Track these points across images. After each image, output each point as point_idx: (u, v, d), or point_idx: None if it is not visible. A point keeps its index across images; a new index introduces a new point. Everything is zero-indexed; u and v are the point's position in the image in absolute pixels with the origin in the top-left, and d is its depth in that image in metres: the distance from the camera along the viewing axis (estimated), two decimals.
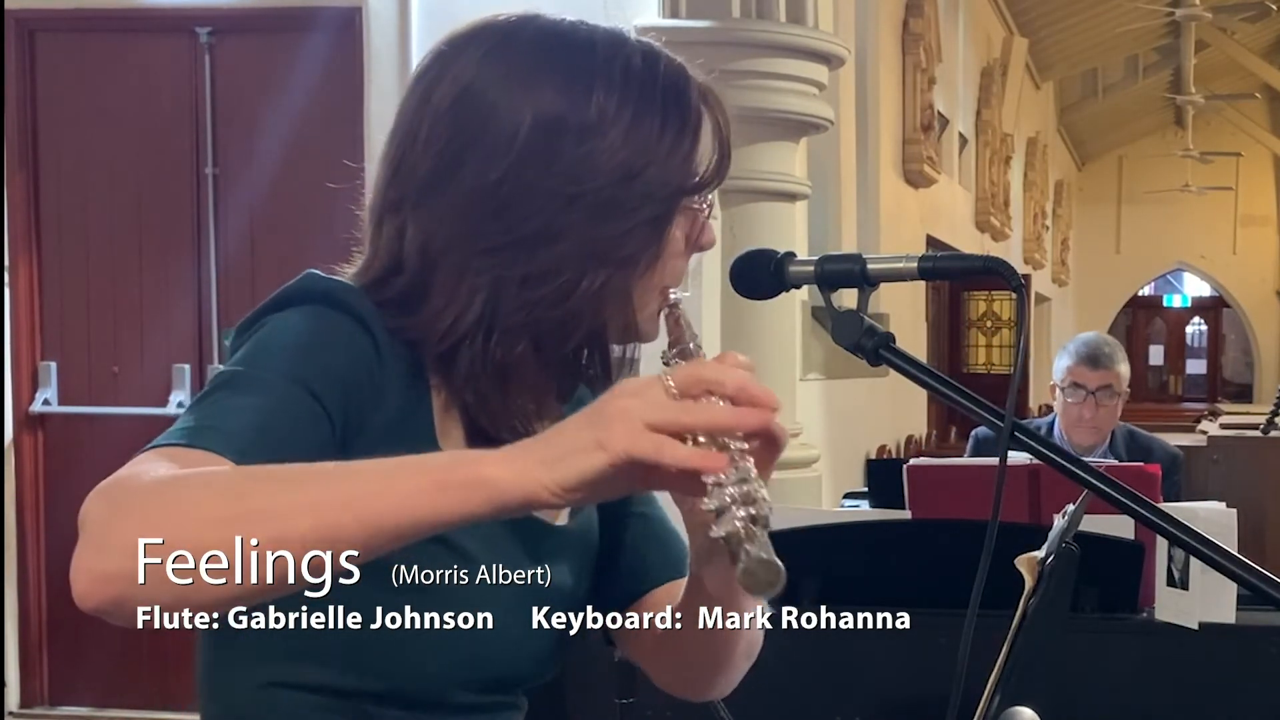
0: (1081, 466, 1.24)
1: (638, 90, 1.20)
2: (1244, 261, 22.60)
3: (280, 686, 1.20)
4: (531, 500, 0.98)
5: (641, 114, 1.20)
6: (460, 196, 1.19)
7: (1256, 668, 2.59)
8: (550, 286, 1.18)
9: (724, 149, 1.25)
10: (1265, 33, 17.40)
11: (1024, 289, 1.29)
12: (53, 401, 5.33)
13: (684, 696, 1.35)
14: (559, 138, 1.18)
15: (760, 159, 5.26)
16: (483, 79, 1.20)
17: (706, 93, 1.25)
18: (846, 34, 7.40)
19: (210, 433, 1.07)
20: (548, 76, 1.19)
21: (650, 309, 1.24)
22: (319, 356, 1.15)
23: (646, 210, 1.19)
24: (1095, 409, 3.80)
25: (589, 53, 1.21)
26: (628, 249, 1.19)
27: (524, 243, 1.18)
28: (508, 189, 1.18)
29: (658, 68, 1.23)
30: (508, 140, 1.18)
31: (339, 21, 5.15)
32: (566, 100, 1.18)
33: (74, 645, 5.31)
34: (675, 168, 1.21)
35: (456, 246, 1.19)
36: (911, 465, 3.09)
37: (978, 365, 13.24)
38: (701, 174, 1.23)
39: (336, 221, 1.41)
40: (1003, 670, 1.82)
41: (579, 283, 1.18)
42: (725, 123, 1.25)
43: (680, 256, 1.25)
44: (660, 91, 1.21)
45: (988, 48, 13.81)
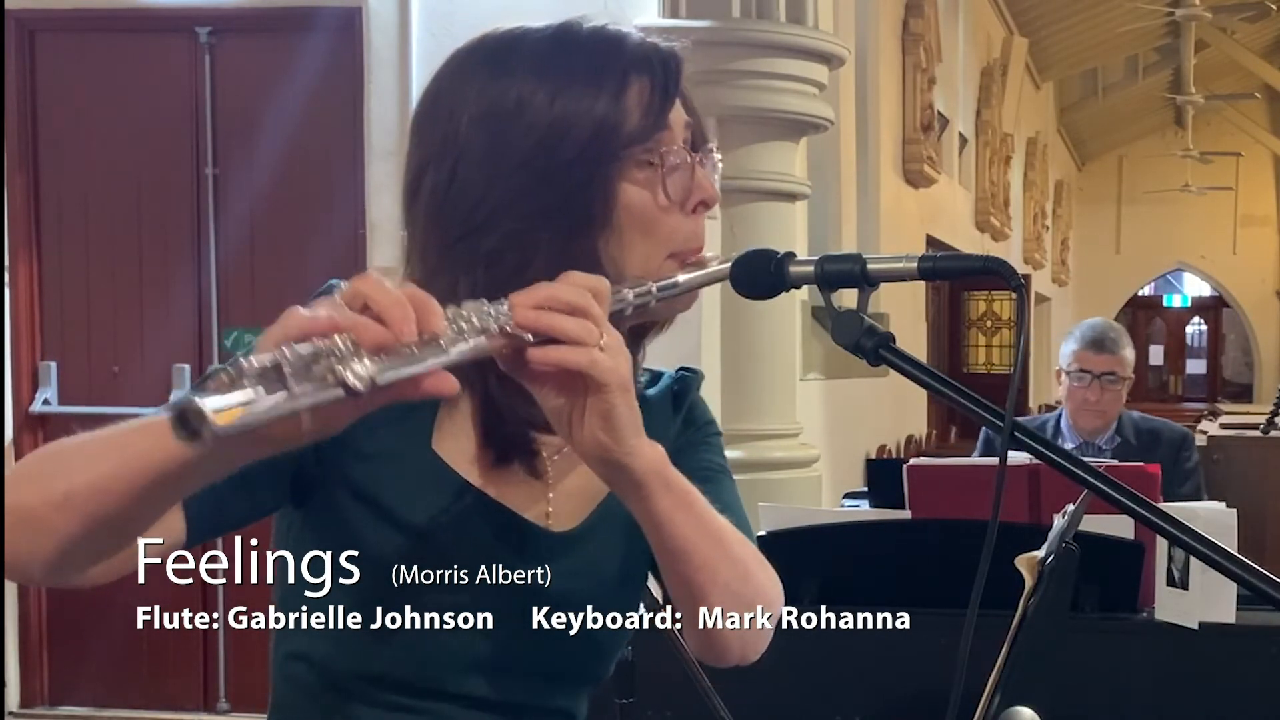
0: (1081, 466, 1.24)
1: (557, 64, 1.24)
2: (1244, 261, 22.60)
3: (297, 659, 1.26)
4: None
5: (561, 84, 1.23)
6: (427, 200, 1.26)
7: (1256, 668, 2.59)
8: (510, 263, 1.22)
9: (660, 99, 1.25)
10: (1265, 33, 17.40)
11: (1024, 289, 1.29)
12: (53, 401, 5.33)
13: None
14: (491, 126, 1.23)
15: (760, 159, 5.26)
16: (436, 90, 1.29)
17: (647, 50, 1.26)
18: (846, 34, 7.40)
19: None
20: (478, 74, 1.25)
21: (657, 274, 1.24)
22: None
23: (578, 172, 1.22)
24: (1100, 393, 3.83)
25: (517, 44, 1.27)
26: (570, 214, 1.22)
27: (480, 229, 1.23)
28: (458, 185, 1.24)
29: (585, 40, 1.26)
30: (452, 140, 1.24)
31: (339, 21, 5.15)
32: (493, 91, 1.24)
33: (74, 645, 5.31)
34: (597, 124, 1.22)
35: (431, 246, 1.26)
36: (911, 465, 3.08)
37: (978, 365, 13.24)
38: (635, 123, 1.24)
39: (336, 221, 1.43)
40: (1003, 670, 1.82)
41: (535, 253, 1.21)
42: (669, 73, 1.26)
43: (667, 214, 1.25)
44: (580, 58, 1.25)
45: (988, 48, 13.81)
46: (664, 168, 1.25)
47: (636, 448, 1.13)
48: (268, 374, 0.88)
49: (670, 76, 1.26)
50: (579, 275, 1.12)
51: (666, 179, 1.25)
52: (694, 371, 1.43)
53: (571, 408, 1.11)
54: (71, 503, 1.03)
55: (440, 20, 4.92)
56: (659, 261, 1.25)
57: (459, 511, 1.23)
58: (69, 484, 1.03)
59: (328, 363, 0.90)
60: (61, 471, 1.05)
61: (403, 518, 1.22)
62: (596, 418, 1.10)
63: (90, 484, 1.03)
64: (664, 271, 1.25)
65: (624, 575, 1.32)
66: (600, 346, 1.08)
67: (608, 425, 1.11)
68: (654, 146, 1.25)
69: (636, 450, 1.13)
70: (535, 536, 1.27)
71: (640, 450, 1.13)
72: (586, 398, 1.10)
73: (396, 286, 1.02)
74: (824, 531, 2.77)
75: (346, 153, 5.10)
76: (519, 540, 1.26)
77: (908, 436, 10.19)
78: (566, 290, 1.09)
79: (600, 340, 1.09)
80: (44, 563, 1.05)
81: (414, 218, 1.28)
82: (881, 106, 9.28)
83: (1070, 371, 3.87)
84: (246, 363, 0.90)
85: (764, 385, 5.41)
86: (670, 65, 1.27)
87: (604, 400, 1.10)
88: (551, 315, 1.08)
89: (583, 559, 1.29)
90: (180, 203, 5.31)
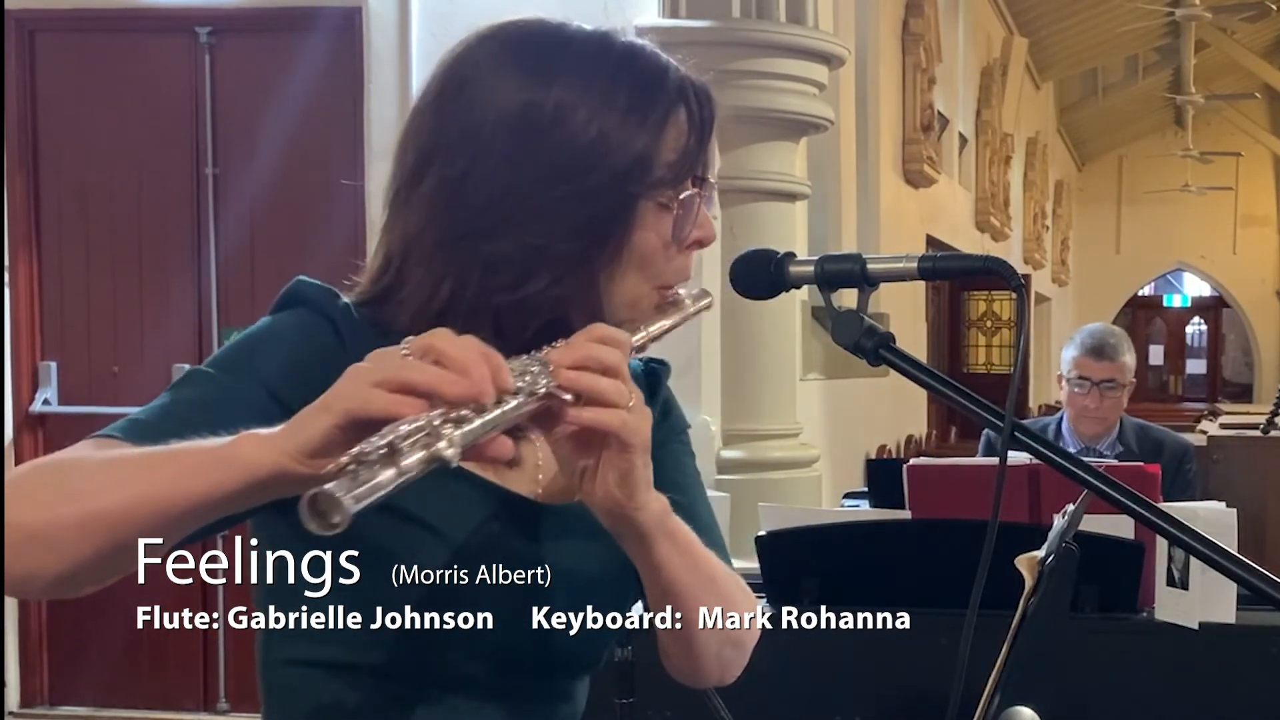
0: (1081, 466, 1.24)
1: (603, 83, 1.22)
2: (1244, 261, 22.59)
3: (300, 664, 1.25)
4: (280, 471, 1.01)
5: (603, 106, 1.21)
6: (432, 189, 1.23)
7: (1256, 668, 2.59)
8: (508, 274, 1.21)
9: (695, 144, 1.24)
10: (1265, 33, 17.40)
11: (1024, 289, 1.29)
12: (53, 401, 5.33)
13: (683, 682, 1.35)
14: (521, 131, 1.20)
15: (760, 159, 5.26)
16: (461, 76, 1.24)
17: (688, 89, 1.25)
18: (846, 34, 7.40)
19: (130, 424, 1.15)
20: (512, 74, 1.22)
21: (640, 304, 1.25)
22: (276, 352, 1.21)
23: (603, 203, 1.21)
24: (1100, 400, 3.83)
25: (560, 49, 1.24)
26: (583, 241, 1.21)
27: (485, 233, 1.21)
28: (472, 181, 1.21)
29: (631, 61, 1.24)
30: (474, 134, 1.21)
31: (339, 21, 5.15)
32: (528, 96, 1.21)
33: (74, 645, 5.31)
34: (634, 160, 1.21)
35: (427, 237, 1.23)
36: (911, 465, 3.08)
37: (978, 365, 13.24)
38: (666, 166, 1.23)
39: (336, 221, 1.43)
40: (1003, 670, 1.82)
41: (536, 270, 1.20)
42: (706, 119, 1.25)
43: (666, 253, 1.25)
44: (627, 83, 1.22)
45: (988, 48, 13.81)
46: (679, 211, 1.24)
47: (646, 503, 1.15)
48: (381, 457, 0.97)
49: (707, 123, 1.25)
50: (606, 330, 1.13)
51: (679, 221, 1.25)
52: (662, 363, 1.43)
53: (588, 461, 1.12)
54: (91, 525, 1.02)
55: (440, 20, 4.92)
56: (645, 292, 1.25)
57: (451, 491, 1.23)
58: (90, 506, 1.03)
59: (426, 440, 0.98)
60: (80, 493, 1.03)
61: (395, 502, 1.21)
62: (614, 474, 1.12)
63: (119, 508, 1.03)
64: (645, 302, 1.25)
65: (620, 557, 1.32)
66: (629, 408, 1.10)
67: (624, 482, 1.12)
68: (677, 191, 1.24)
69: (646, 505, 1.15)
70: (530, 510, 1.27)
71: (649, 505, 1.15)
72: (605, 453, 1.11)
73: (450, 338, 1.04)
74: (824, 531, 2.76)
75: (346, 153, 5.10)
76: (512, 515, 1.26)
77: (908, 436, 10.19)
78: (604, 351, 1.10)
79: (630, 402, 1.10)
80: (47, 581, 1.04)
81: (409, 203, 1.25)
82: (881, 106, 9.27)
83: (1070, 378, 3.86)
84: (368, 449, 0.96)
85: (764, 385, 5.41)
86: (707, 110, 1.26)
87: (626, 459, 1.11)
88: (592, 378, 1.09)
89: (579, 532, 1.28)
90: (180, 203, 5.31)
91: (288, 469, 1.01)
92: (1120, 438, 3.90)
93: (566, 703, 1.32)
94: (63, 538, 1.02)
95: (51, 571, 1.03)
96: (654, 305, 1.26)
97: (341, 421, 1.00)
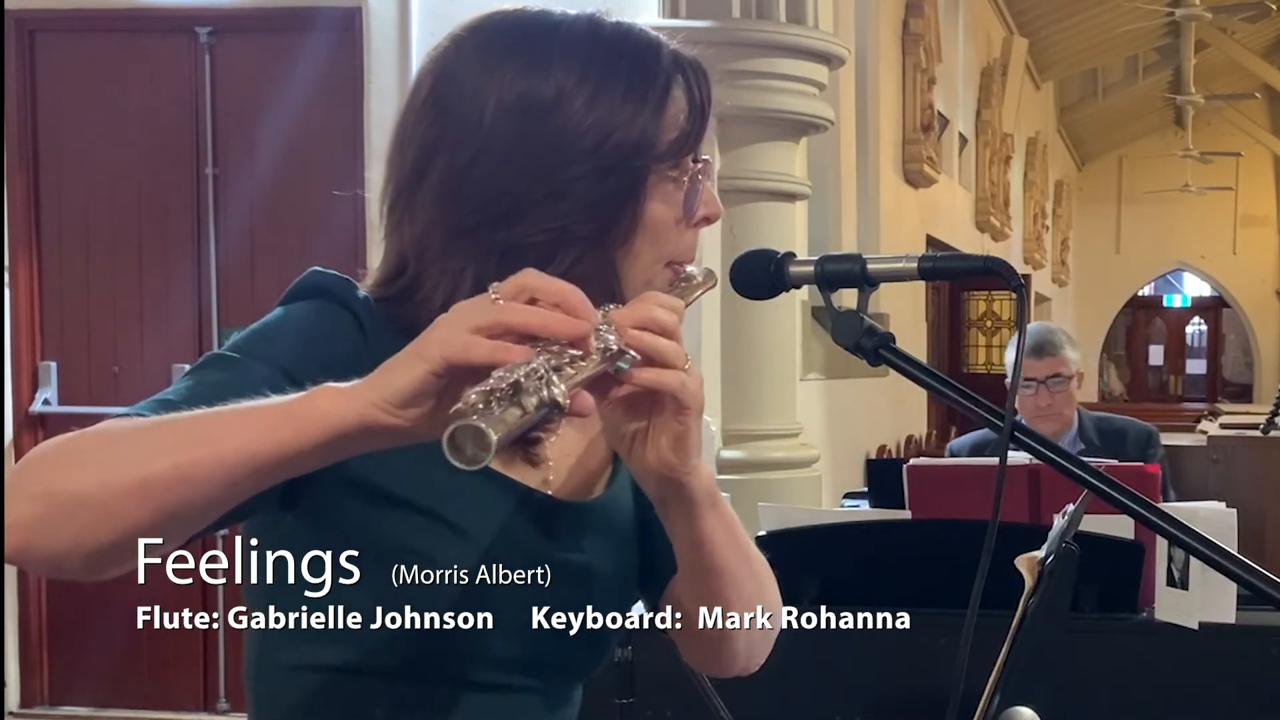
0: (1081, 466, 1.24)
1: (599, 64, 1.22)
2: (1244, 261, 22.59)
3: (303, 669, 1.23)
4: (370, 422, 0.99)
5: (602, 87, 1.21)
6: (438, 184, 1.23)
7: (1256, 668, 2.59)
8: (528, 259, 1.18)
9: (697, 118, 1.25)
10: (1265, 33, 17.39)
11: (1024, 289, 1.29)
12: (53, 401, 5.33)
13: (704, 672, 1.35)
14: (522, 118, 1.21)
15: (760, 159, 5.27)
16: (452, 70, 1.25)
17: (682, 63, 1.26)
18: (846, 34, 7.40)
19: (157, 403, 1.11)
20: (510, 60, 1.22)
21: (654, 283, 1.25)
22: (297, 340, 1.19)
23: (613, 181, 1.21)
24: (1050, 397, 3.85)
25: (551, 34, 1.24)
26: (598, 220, 1.21)
27: (499, 221, 1.21)
28: (479, 172, 1.21)
29: (623, 41, 1.25)
30: (475, 125, 1.21)
31: (339, 21, 5.15)
32: (527, 81, 1.21)
33: (74, 645, 5.31)
34: (638, 137, 1.22)
35: (441, 232, 1.23)
36: (911, 465, 3.09)
37: (978, 365, 13.23)
38: (670, 141, 1.23)
39: (336, 221, 1.43)
40: (1003, 670, 1.82)
41: (554, 253, 1.20)
42: (703, 92, 1.26)
43: (677, 228, 1.25)
44: (624, 63, 1.23)
45: (988, 48, 13.81)
46: (687, 185, 1.25)
47: (697, 468, 1.15)
48: (509, 397, 0.94)
49: (705, 96, 1.26)
50: (662, 295, 1.12)
51: (688, 196, 1.25)
52: None
53: (638, 426, 1.12)
54: (149, 488, 0.99)
55: (440, 20, 4.92)
56: (657, 270, 1.26)
57: (458, 482, 1.22)
58: (150, 469, 0.99)
59: (538, 383, 0.95)
60: (136, 457, 1.00)
61: (399, 494, 1.20)
62: (668, 438, 1.11)
63: (183, 467, 0.99)
64: (659, 281, 1.25)
65: (630, 555, 1.32)
66: (686, 370, 1.09)
67: (678, 446, 1.12)
68: (683, 164, 1.25)
69: (697, 470, 1.15)
70: (541, 504, 1.26)
71: (700, 470, 1.15)
72: (658, 418, 1.11)
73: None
74: (824, 531, 2.77)
75: (347, 153, 5.10)
76: (521, 506, 1.25)
77: (908, 436, 10.19)
78: (663, 314, 1.09)
79: (687, 364, 1.10)
80: (88, 552, 1.00)
81: (414, 202, 1.24)
82: (881, 106, 9.27)
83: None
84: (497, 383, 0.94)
85: (764, 385, 5.42)
86: (704, 83, 1.26)
87: (681, 422, 1.11)
88: (654, 338, 1.08)
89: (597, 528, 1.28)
90: (180, 203, 5.31)
91: (377, 420, 0.99)
92: (1081, 434, 3.90)
93: (568, 705, 1.32)
94: (119, 502, 0.98)
95: (100, 540, 0.99)
96: (667, 283, 1.26)
97: (439, 369, 0.98)
